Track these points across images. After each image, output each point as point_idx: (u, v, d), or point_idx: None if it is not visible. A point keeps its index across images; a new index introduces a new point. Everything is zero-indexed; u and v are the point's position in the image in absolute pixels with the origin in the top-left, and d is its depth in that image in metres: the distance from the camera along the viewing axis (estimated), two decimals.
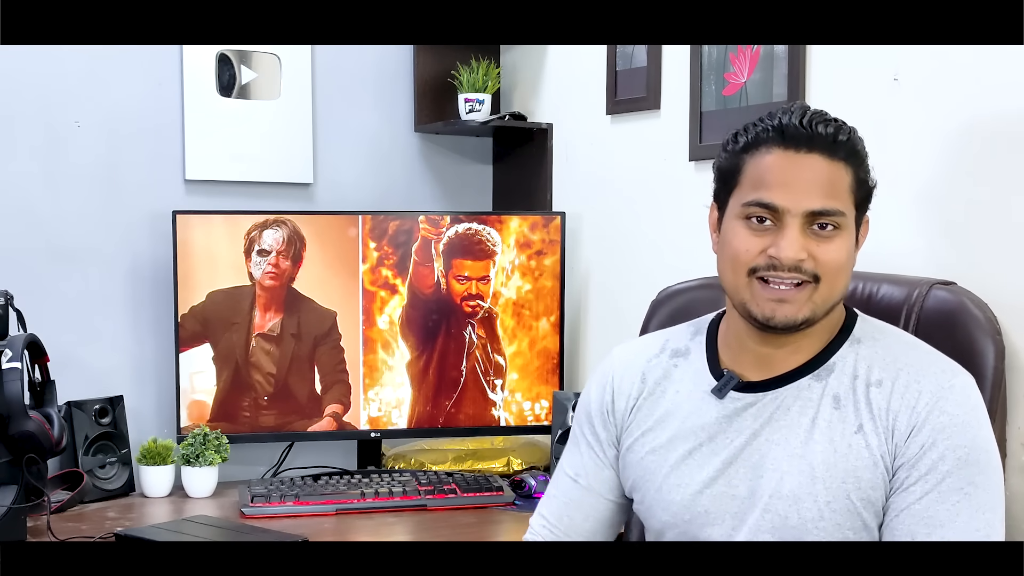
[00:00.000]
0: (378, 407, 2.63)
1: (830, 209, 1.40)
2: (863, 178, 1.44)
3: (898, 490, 1.38)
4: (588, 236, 2.69)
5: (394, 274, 2.61)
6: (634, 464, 1.54)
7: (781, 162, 1.41)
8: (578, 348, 2.74)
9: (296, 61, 2.73)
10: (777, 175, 1.41)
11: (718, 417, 1.48)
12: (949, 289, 1.74)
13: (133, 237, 2.60)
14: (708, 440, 1.48)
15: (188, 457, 2.46)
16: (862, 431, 1.40)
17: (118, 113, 2.57)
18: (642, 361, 1.59)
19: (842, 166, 1.41)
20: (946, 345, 1.58)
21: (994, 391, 1.66)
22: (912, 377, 1.41)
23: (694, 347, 1.56)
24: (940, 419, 1.38)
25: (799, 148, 1.40)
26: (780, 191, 1.40)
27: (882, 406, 1.41)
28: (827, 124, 1.42)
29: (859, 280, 1.82)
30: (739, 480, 1.45)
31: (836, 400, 1.43)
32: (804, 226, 1.40)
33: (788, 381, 1.46)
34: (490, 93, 2.79)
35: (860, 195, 1.44)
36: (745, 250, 1.42)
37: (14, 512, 2.08)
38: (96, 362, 2.57)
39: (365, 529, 2.26)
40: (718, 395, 1.48)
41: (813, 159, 1.40)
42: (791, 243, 1.39)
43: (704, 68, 2.32)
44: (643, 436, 1.54)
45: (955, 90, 1.88)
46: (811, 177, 1.40)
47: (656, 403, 1.55)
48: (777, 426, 1.45)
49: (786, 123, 1.41)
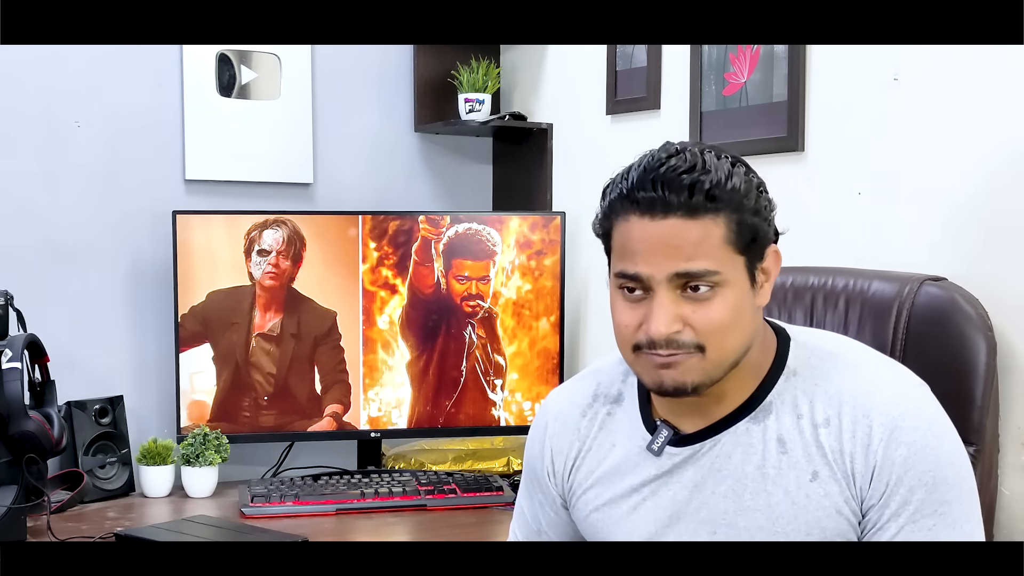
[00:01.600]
0: (378, 407, 2.63)
1: (697, 271, 1.28)
2: (743, 220, 1.30)
3: (872, 529, 1.32)
4: (588, 236, 2.66)
5: (394, 274, 2.61)
6: (581, 520, 1.50)
7: (639, 230, 1.30)
8: (578, 348, 2.74)
9: (296, 61, 2.73)
10: (637, 244, 1.30)
11: (657, 473, 1.41)
12: (940, 285, 1.74)
13: (133, 237, 2.60)
14: (651, 495, 1.41)
15: (188, 457, 2.46)
16: (818, 478, 1.32)
17: (118, 113, 2.58)
18: (576, 416, 1.49)
19: (709, 221, 1.28)
20: (937, 341, 1.58)
21: (986, 387, 1.66)
22: (859, 412, 1.32)
23: (627, 391, 1.47)
24: (899, 452, 1.30)
25: (654, 215, 1.28)
26: (641, 260, 1.30)
27: (835, 448, 1.32)
28: (677, 185, 1.28)
29: (850, 277, 1.83)
30: (689, 536, 1.38)
31: (781, 443, 1.34)
32: (675, 292, 1.29)
33: (724, 427, 1.37)
34: (490, 93, 2.79)
35: (743, 240, 1.30)
36: (625, 325, 1.33)
37: (14, 512, 2.08)
38: (96, 362, 2.57)
39: (365, 529, 2.26)
40: (653, 452, 1.40)
41: (671, 223, 1.28)
42: (659, 318, 1.29)
43: (704, 68, 2.32)
44: (584, 495, 1.48)
45: (955, 90, 1.88)
46: (671, 243, 1.28)
47: (594, 459, 1.47)
48: (721, 476, 1.37)
49: (637, 185, 1.29)
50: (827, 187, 2.10)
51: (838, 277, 1.83)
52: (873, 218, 2.03)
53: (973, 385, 1.62)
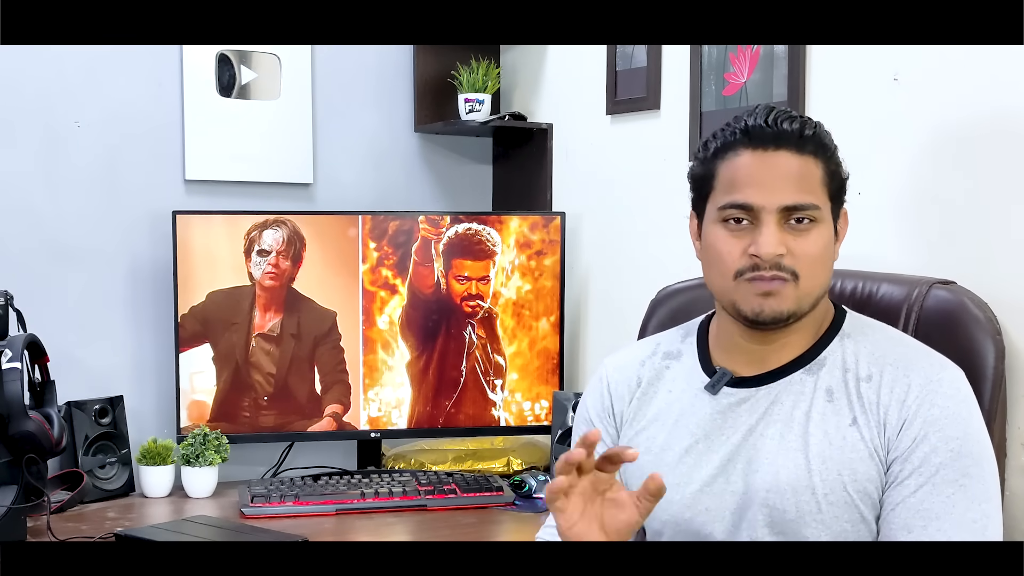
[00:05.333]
0: (378, 407, 2.63)
1: (803, 203, 1.42)
2: (834, 170, 1.47)
3: (893, 484, 1.39)
4: (588, 236, 2.69)
5: (394, 274, 2.61)
6: (630, 464, 1.54)
7: (751, 162, 1.43)
8: (578, 348, 2.74)
9: (296, 61, 2.73)
10: (749, 175, 1.43)
11: (712, 413, 1.50)
12: (949, 288, 1.74)
13: (133, 237, 2.60)
14: (704, 437, 1.50)
15: (188, 457, 2.46)
16: (856, 424, 1.42)
17: (118, 113, 2.58)
18: (635, 364, 1.61)
19: (811, 160, 1.44)
20: (946, 345, 1.58)
21: (994, 391, 1.66)
22: (900, 371, 1.43)
23: (686, 348, 1.59)
24: (931, 412, 1.39)
25: (767, 147, 1.43)
26: (753, 190, 1.42)
27: (872, 400, 1.42)
28: (792, 120, 1.44)
29: (859, 279, 1.82)
30: (736, 476, 1.46)
31: (829, 393, 1.45)
32: (780, 222, 1.42)
33: (780, 376, 1.48)
34: (490, 93, 2.79)
35: (833, 187, 1.46)
36: (728, 252, 1.45)
37: (14, 512, 2.08)
38: (96, 362, 2.57)
39: (365, 529, 2.26)
40: (711, 391, 1.51)
41: (782, 156, 1.43)
42: (768, 239, 1.41)
43: (704, 68, 2.32)
44: (637, 436, 1.56)
45: (955, 90, 1.88)
46: (782, 173, 1.42)
47: (650, 402, 1.57)
48: (771, 420, 1.46)
49: (752, 124, 1.44)
50: None
51: (847, 280, 1.83)
52: (873, 218, 2.02)
53: (981, 389, 1.62)
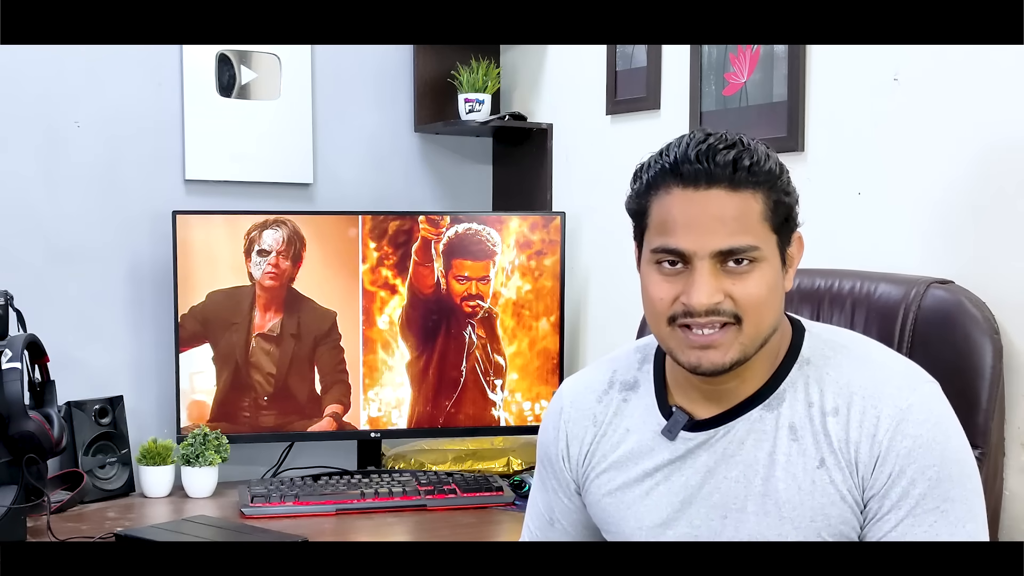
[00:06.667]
0: (378, 407, 2.63)
1: (739, 246, 1.31)
2: (779, 199, 1.34)
3: (872, 520, 1.33)
4: (588, 236, 2.69)
5: (394, 274, 2.61)
6: (593, 504, 1.50)
7: (681, 203, 1.32)
8: (578, 348, 2.74)
9: (296, 61, 2.73)
10: (679, 217, 1.32)
11: (671, 458, 1.42)
12: (947, 288, 1.74)
13: (133, 237, 2.60)
14: (664, 480, 1.42)
15: (188, 457, 2.46)
16: (824, 466, 1.34)
17: (118, 113, 2.57)
18: (591, 401, 1.51)
19: (749, 195, 1.31)
20: (944, 344, 1.58)
21: (992, 390, 1.66)
22: (868, 403, 1.33)
23: (642, 378, 1.49)
24: (904, 443, 1.31)
25: (698, 185, 1.31)
26: (683, 234, 1.31)
27: (841, 437, 1.33)
28: (727, 151, 1.31)
29: (857, 279, 1.83)
30: (700, 521, 1.40)
31: (793, 431, 1.36)
32: (716, 266, 1.31)
33: (738, 414, 1.39)
34: (490, 93, 2.79)
35: (777, 219, 1.34)
36: (660, 299, 1.34)
37: (14, 512, 2.08)
38: (96, 362, 2.57)
39: (365, 529, 2.26)
40: (668, 437, 1.42)
41: (714, 195, 1.31)
42: (701, 288, 1.31)
43: (704, 68, 2.32)
44: (598, 479, 1.49)
45: (955, 90, 1.88)
46: (714, 215, 1.30)
47: (608, 444, 1.49)
48: (733, 462, 1.38)
49: (680, 159, 1.32)
50: (827, 187, 2.10)
51: (844, 279, 1.83)
52: (873, 218, 2.03)
53: (979, 388, 1.62)
